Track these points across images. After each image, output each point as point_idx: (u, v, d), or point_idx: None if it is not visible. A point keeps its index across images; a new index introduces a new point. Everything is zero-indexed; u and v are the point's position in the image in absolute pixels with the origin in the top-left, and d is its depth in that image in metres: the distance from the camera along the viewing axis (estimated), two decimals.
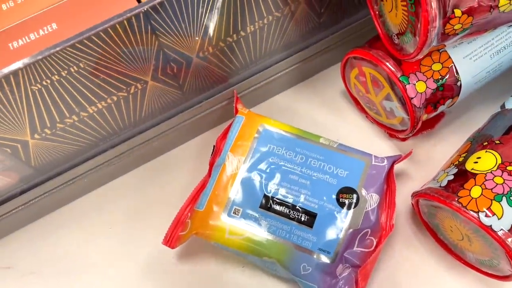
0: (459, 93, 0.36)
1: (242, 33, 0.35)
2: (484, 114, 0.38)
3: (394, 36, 0.33)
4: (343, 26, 0.41)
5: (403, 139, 0.40)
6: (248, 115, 0.38)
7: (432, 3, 0.27)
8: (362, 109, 0.41)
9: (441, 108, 0.36)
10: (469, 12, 0.29)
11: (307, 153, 0.36)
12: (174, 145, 0.42)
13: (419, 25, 0.29)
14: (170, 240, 0.35)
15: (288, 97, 0.44)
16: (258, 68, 0.40)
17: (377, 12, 0.34)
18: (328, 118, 0.42)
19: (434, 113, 0.36)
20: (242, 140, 0.37)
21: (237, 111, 0.38)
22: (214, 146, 0.38)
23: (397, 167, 0.38)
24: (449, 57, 0.34)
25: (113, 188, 0.41)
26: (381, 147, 0.40)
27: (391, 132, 0.40)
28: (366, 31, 0.41)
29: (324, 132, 0.40)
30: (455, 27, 0.29)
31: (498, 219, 0.28)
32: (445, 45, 0.34)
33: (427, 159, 0.39)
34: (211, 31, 0.32)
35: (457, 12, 0.28)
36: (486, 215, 0.29)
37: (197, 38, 0.32)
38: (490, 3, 0.29)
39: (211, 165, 0.37)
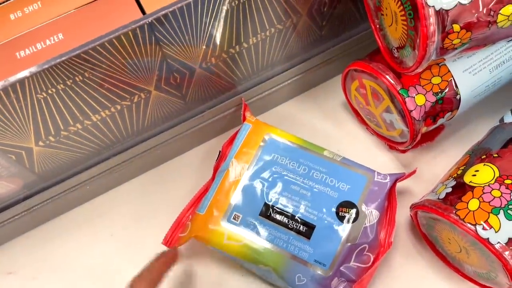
0: (459, 106, 0.36)
1: (245, 45, 0.36)
2: (483, 128, 0.38)
3: (394, 49, 0.34)
4: (344, 38, 0.42)
5: (403, 151, 0.40)
6: (255, 124, 0.38)
7: (431, 18, 0.28)
8: (362, 121, 0.42)
9: (440, 121, 0.37)
10: (468, 27, 0.29)
11: (310, 165, 0.36)
12: (179, 153, 0.43)
13: (418, 40, 0.29)
14: (170, 241, 0.35)
15: (291, 106, 0.45)
16: (260, 79, 0.41)
17: (377, 26, 0.35)
18: (329, 128, 0.43)
19: (434, 126, 0.37)
20: (247, 147, 0.37)
21: (244, 119, 0.39)
22: (220, 151, 0.38)
23: None
24: (449, 70, 0.35)
25: (116, 195, 0.41)
26: (380, 159, 0.41)
27: (391, 144, 0.40)
28: (367, 44, 0.42)
29: (325, 142, 0.41)
30: (454, 42, 0.29)
31: (495, 232, 0.29)
32: (444, 59, 0.34)
33: (426, 171, 0.39)
34: (214, 42, 0.33)
35: (456, 27, 0.29)
36: (484, 228, 0.29)
37: (200, 49, 0.33)
38: (489, 19, 0.29)
39: (216, 170, 0.38)
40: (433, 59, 0.31)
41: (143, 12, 0.29)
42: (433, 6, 0.28)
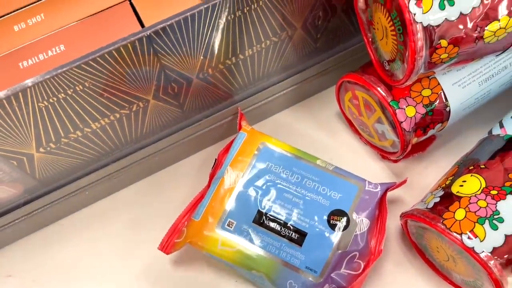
0: (448, 118, 0.37)
1: (241, 56, 0.37)
2: (474, 139, 0.39)
3: (386, 62, 0.35)
4: (338, 50, 0.43)
5: (395, 161, 0.41)
6: (251, 132, 0.39)
7: (419, 34, 0.29)
8: (356, 131, 0.43)
9: (430, 132, 0.38)
10: (455, 42, 0.30)
11: (303, 173, 0.37)
12: (177, 160, 0.44)
13: (407, 54, 0.30)
14: (166, 246, 0.36)
15: (287, 116, 0.46)
16: (257, 89, 0.42)
17: (370, 39, 0.36)
18: (323, 138, 0.44)
19: (424, 137, 0.38)
20: (242, 156, 0.38)
21: (240, 128, 0.40)
22: (216, 159, 0.39)
23: None
24: (439, 83, 0.36)
25: (114, 201, 0.42)
26: (373, 168, 0.42)
27: (383, 154, 0.41)
28: (361, 56, 0.43)
29: (320, 151, 0.42)
30: (442, 57, 0.31)
31: (481, 241, 0.29)
32: (434, 72, 0.35)
33: (418, 181, 0.40)
34: (211, 54, 0.34)
35: (443, 43, 0.30)
36: (469, 237, 0.30)
37: (197, 60, 0.34)
38: (475, 35, 0.30)
39: (211, 177, 0.39)
40: (421, 72, 0.32)
41: (142, 25, 0.30)
42: (421, 22, 0.29)
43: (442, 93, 0.36)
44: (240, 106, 0.42)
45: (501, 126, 0.35)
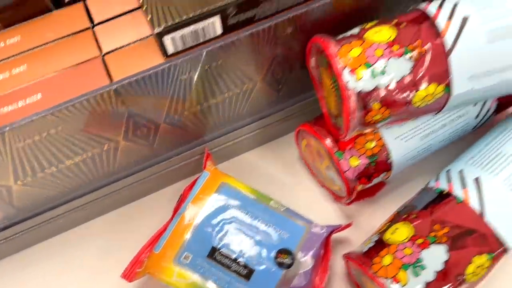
0: (391, 168, 0.40)
1: (206, 105, 0.41)
2: (420, 187, 0.42)
3: (333, 117, 0.38)
4: (301, 99, 0.46)
5: (347, 204, 0.45)
6: (213, 172, 0.43)
7: (352, 98, 0.33)
8: (313, 174, 0.46)
9: (376, 180, 0.41)
10: (387, 106, 0.34)
11: (256, 213, 0.40)
12: (147, 193, 0.47)
13: (343, 114, 0.34)
14: (128, 275, 0.39)
15: (253, 156, 0.49)
16: (225, 130, 0.46)
17: (322, 94, 0.40)
18: (285, 178, 0.47)
19: (370, 184, 0.41)
20: (203, 194, 0.42)
21: (205, 167, 0.43)
22: (181, 194, 0.43)
23: None
24: (382, 137, 0.39)
25: (87, 229, 0.46)
26: (327, 209, 0.45)
27: (336, 197, 0.44)
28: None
29: (280, 191, 0.45)
30: (375, 118, 0.34)
31: (403, 286, 0.33)
32: (377, 127, 0.39)
33: (366, 224, 0.44)
34: (175, 103, 0.38)
35: (376, 106, 0.34)
36: (392, 282, 0.33)
37: (163, 109, 0.38)
38: (405, 100, 0.34)
39: (175, 211, 0.42)
40: (359, 130, 0.35)
41: (111, 79, 0.35)
42: (354, 88, 0.33)
43: (385, 146, 0.39)
44: (209, 145, 0.46)
45: (437, 179, 0.39)
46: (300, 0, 0.35)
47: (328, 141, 0.39)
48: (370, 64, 0.33)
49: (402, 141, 0.40)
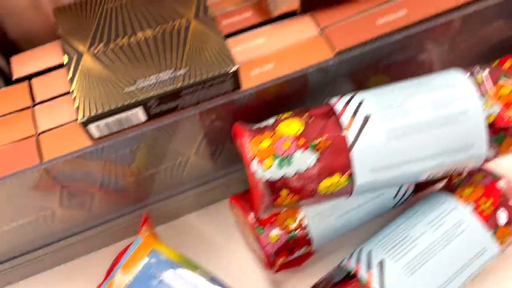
0: (311, 243, 0.43)
1: (140, 176, 0.43)
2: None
3: None
4: (238, 168, 0.49)
5: (274, 272, 0.47)
6: (146, 238, 0.45)
7: (260, 185, 0.35)
8: (245, 240, 0.49)
9: (298, 253, 0.43)
10: (295, 192, 0.37)
11: (182, 279, 0.43)
12: (86, 252, 0.50)
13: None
14: None
15: (193, 219, 0.52)
16: (162, 197, 0.48)
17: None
18: (221, 243, 0.50)
19: (292, 257, 0.44)
20: (134, 259, 0.44)
21: (139, 232, 0.46)
22: (116, 257, 0.45)
23: None
24: (302, 213, 0.42)
25: (28, 285, 0.48)
26: (257, 275, 0.47)
27: (264, 264, 0.47)
28: None
29: (216, 255, 0.47)
30: (284, 203, 0.37)
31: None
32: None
33: None
34: (108, 177, 0.41)
35: (284, 192, 0.36)
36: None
37: (95, 185, 0.41)
38: (311, 188, 0.37)
39: (107, 274, 0.44)
40: (270, 211, 0.38)
41: (41, 158, 0.37)
42: (261, 177, 0.35)
43: (304, 223, 0.42)
44: (149, 208, 0.48)
45: (350, 257, 0.41)
46: (222, 91, 0.38)
47: (251, 216, 0.42)
48: (277, 155, 0.36)
49: (321, 218, 0.42)
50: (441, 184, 0.49)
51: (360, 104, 0.37)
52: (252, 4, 0.44)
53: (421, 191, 0.46)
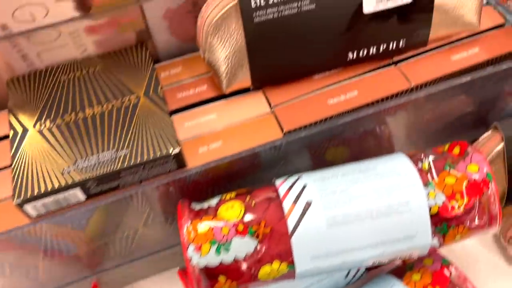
0: None
1: (87, 247, 0.43)
2: None
3: None
4: None
5: None
6: None
7: (195, 271, 0.35)
8: None
9: None
10: (233, 279, 0.36)
11: None
12: None
13: None
14: None
15: (147, 285, 0.51)
16: (115, 264, 0.48)
17: None
18: None
19: None
20: None
21: None
22: None
23: None
24: None
25: None
26: None
27: None
28: None
29: None
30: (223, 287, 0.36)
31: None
32: None
33: None
34: (51, 250, 0.40)
35: (221, 278, 0.36)
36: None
37: (39, 254, 0.40)
38: (251, 274, 0.36)
39: None
40: None
41: None
42: (197, 264, 0.35)
43: None
44: (99, 276, 0.47)
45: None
46: (166, 170, 0.38)
47: None
48: (215, 241, 0.35)
49: None
50: (394, 264, 0.48)
51: (303, 189, 0.36)
52: (209, 77, 0.44)
53: (374, 268, 0.45)
